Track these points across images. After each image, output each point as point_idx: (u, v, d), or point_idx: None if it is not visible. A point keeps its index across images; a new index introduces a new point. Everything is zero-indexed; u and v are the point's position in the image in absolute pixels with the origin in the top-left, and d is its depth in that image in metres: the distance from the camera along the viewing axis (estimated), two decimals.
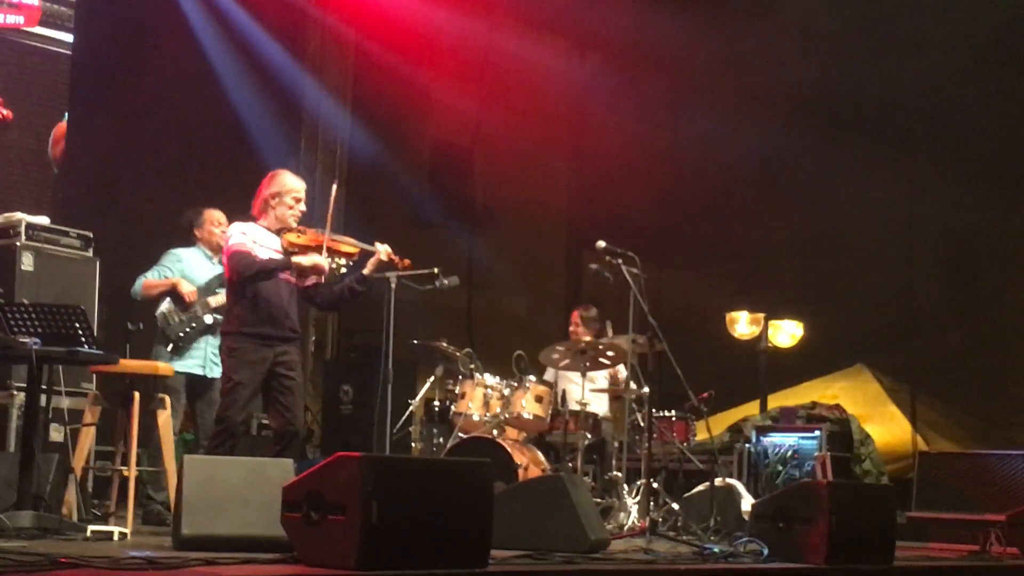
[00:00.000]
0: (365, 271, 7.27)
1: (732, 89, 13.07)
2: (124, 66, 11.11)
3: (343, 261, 7.28)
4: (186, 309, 8.12)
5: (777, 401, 11.41)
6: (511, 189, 14.17)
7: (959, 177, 12.34)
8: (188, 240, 8.49)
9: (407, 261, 7.39)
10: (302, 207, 7.24)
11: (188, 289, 8.15)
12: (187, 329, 8.14)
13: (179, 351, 8.12)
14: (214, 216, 8.41)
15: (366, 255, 7.31)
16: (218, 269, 8.17)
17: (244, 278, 7.03)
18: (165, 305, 8.20)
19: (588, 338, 9.37)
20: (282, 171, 7.35)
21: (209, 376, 8.17)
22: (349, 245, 7.30)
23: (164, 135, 11.49)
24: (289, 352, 7.14)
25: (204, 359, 8.20)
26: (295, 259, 7.08)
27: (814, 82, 12.61)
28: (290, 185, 7.24)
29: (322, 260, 7.12)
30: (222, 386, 7.22)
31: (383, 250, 7.30)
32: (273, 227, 7.19)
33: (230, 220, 8.01)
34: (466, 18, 13.37)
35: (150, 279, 8.25)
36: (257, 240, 7.10)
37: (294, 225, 7.18)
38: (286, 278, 7.15)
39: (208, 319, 8.18)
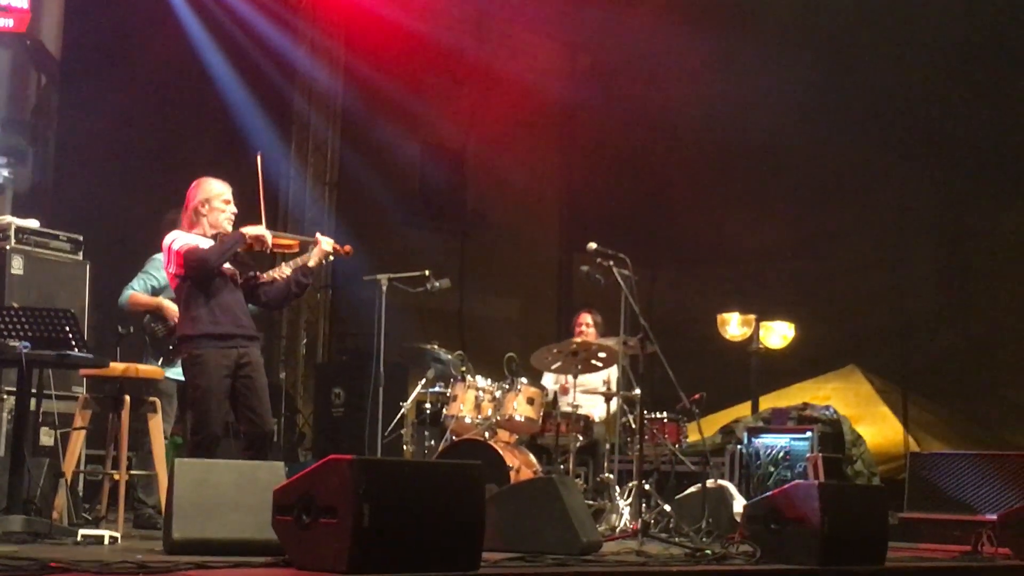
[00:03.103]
0: (310, 263, 7.15)
1: (723, 92, 13.08)
2: (114, 68, 11.09)
3: (260, 249, 7.19)
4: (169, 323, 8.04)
5: (769, 402, 11.42)
6: (502, 191, 14.19)
7: (950, 179, 12.37)
8: None
9: (348, 248, 7.31)
10: (233, 208, 7.11)
11: (174, 311, 8.02)
12: (175, 341, 8.06)
13: (170, 361, 8.06)
14: None
15: (307, 247, 7.24)
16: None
17: (210, 268, 6.83)
18: (148, 316, 8.11)
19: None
20: (205, 178, 7.17)
21: None
22: (288, 238, 7.26)
23: (154, 138, 11.47)
24: (250, 353, 6.99)
25: None
26: (245, 229, 6.96)
27: (806, 85, 12.63)
28: (217, 189, 7.10)
29: (265, 231, 7.00)
30: (190, 395, 7.06)
31: (324, 240, 7.22)
32: (208, 233, 7.02)
33: None
34: (457, 22, 13.39)
35: (137, 294, 8.08)
36: (199, 244, 7.00)
37: (228, 228, 7.07)
38: (231, 273, 7.03)
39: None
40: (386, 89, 13.16)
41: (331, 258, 7.54)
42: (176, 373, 8.05)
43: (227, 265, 6.97)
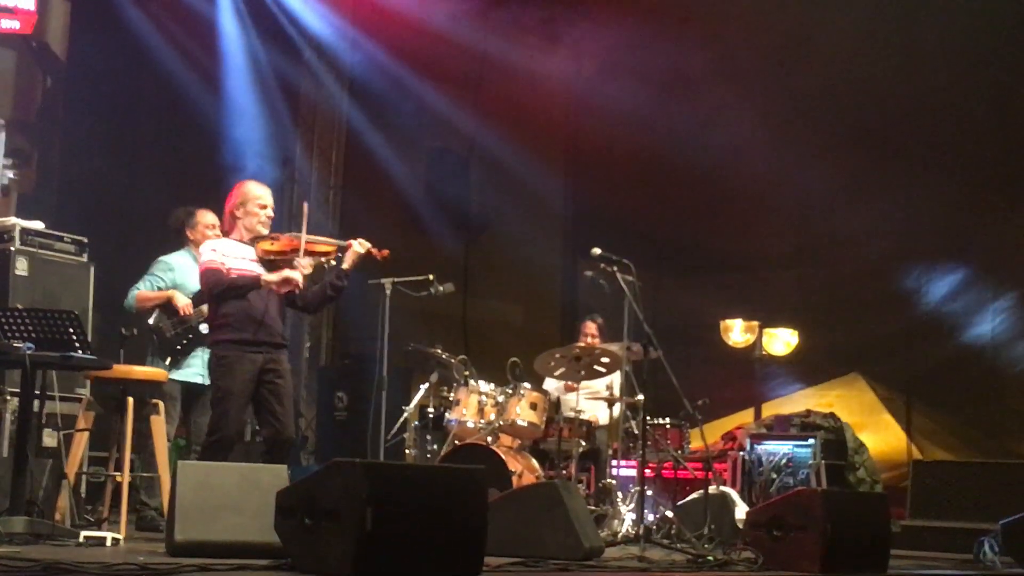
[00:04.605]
0: (344, 265, 7.16)
1: (729, 99, 13.07)
2: (119, 71, 11.10)
3: (323, 260, 7.23)
4: (181, 320, 8.07)
5: (772, 409, 11.41)
6: (507, 196, 14.18)
7: (955, 186, 12.35)
8: (178, 241, 8.42)
9: (386, 252, 7.30)
10: (269, 212, 7.13)
11: (183, 302, 8.05)
12: (184, 341, 8.10)
13: (177, 363, 8.08)
14: (207, 218, 8.29)
15: (344, 252, 7.25)
16: None
17: (213, 295, 7.00)
18: (155, 316, 8.14)
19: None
20: (244, 182, 7.25)
21: (207, 384, 8.10)
22: (325, 244, 7.26)
23: (159, 139, 11.48)
24: (279, 360, 7.06)
25: (203, 367, 8.12)
26: (264, 278, 6.99)
27: (811, 92, 12.63)
28: (253, 193, 7.15)
29: (293, 274, 7.01)
30: (212, 396, 7.14)
31: (358, 243, 7.24)
32: (245, 238, 7.09)
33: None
34: (463, 27, 13.38)
35: (144, 292, 8.13)
36: (228, 253, 7.03)
37: (264, 232, 7.09)
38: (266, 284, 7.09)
39: (203, 328, 8.10)
40: (391, 94, 13.16)
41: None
42: (182, 375, 8.08)
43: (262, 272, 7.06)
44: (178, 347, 8.07)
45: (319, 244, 7.22)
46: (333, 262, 7.24)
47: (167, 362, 8.02)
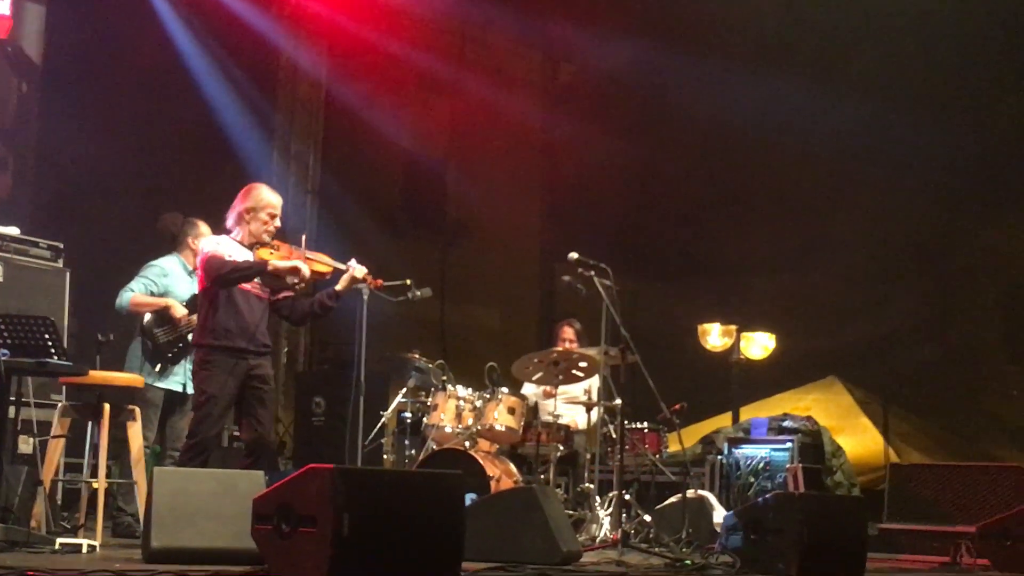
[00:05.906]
0: (338, 287, 7.24)
1: (706, 105, 13.10)
2: (95, 76, 11.06)
3: (296, 280, 7.23)
4: (172, 328, 8.05)
5: (749, 413, 11.41)
6: (484, 201, 14.19)
7: (932, 195, 12.41)
8: (168, 246, 8.38)
9: (380, 281, 7.38)
10: (277, 223, 7.17)
11: (181, 313, 8.04)
12: (175, 349, 8.08)
13: (165, 370, 8.06)
14: (207, 231, 8.27)
15: (340, 273, 7.27)
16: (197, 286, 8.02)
17: (220, 276, 6.93)
18: (148, 320, 8.11)
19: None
20: (259, 185, 7.28)
21: (188, 392, 8.09)
22: (323, 264, 7.27)
23: (135, 145, 11.44)
24: (262, 365, 7.10)
25: (184, 376, 8.11)
26: (272, 264, 7.01)
27: (789, 99, 12.66)
28: (266, 200, 7.17)
29: (303, 265, 7.04)
30: (195, 400, 7.15)
31: (357, 268, 7.26)
32: (246, 241, 7.12)
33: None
34: (438, 34, 13.39)
35: (139, 296, 8.08)
36: (231, 253, 7.05)
37: (268, 240, 7.12)
38: (257, 293, 7.11)
39: (191, 338, 8.09)
40: (368, 98, 13.15)
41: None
42: (167, 384, 8.04)
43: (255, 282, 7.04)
44: (169, 355, 8.05)
45: (317, 263, 7.22)
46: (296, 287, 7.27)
47: (156, 368, 8.00)
